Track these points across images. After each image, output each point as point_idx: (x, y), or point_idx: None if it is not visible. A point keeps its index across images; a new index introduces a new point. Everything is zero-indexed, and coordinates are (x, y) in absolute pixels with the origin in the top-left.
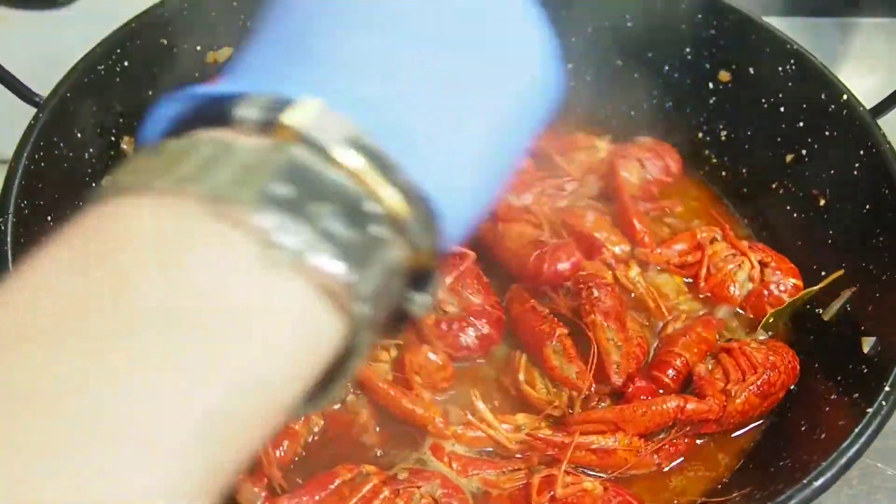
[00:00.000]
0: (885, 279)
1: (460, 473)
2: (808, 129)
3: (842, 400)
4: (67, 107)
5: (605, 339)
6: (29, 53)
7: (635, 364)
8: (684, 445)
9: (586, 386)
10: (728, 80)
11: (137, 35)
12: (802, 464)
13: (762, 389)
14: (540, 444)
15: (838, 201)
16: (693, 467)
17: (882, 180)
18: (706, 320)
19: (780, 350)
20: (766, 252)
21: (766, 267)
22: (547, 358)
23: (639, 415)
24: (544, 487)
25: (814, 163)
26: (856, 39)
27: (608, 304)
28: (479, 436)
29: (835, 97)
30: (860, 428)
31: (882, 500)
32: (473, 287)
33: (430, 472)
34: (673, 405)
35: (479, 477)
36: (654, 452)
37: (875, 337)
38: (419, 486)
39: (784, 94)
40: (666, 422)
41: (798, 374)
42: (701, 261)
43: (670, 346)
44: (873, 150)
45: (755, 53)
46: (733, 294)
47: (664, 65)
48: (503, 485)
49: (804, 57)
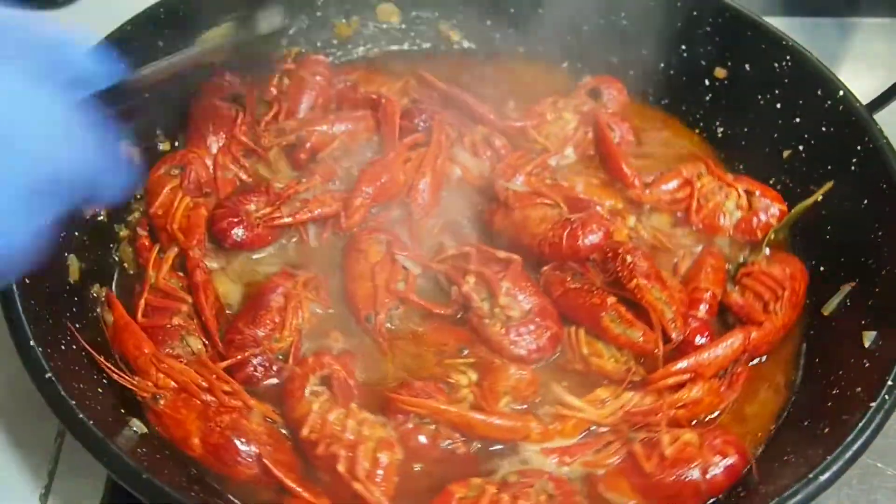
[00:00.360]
0: (884, 273)
1: (560, 464)
2: (804, 125)
3: (844, 395)
4: None
5: (655, 299)
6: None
7: (683, 312)
8: (746, 372)
9: (656, 345)
10: (724, 77)
11: (133, 36)
12: (808, 459)
13: (792, 301)
14: (637, 417)
15: (836, 197)
16: (757, 390)
17: (880, 175)
18: (711, 251)
19: (789, 260)
20: (750, 182)
21: (751, 196)
22: (607, 328)
23: (713, 358)
24: (649, 452)
25: (811, 159)
26: (856, 39)
27: (645, 266)
28: (576, 422)
29: (831, 93)
30: (864, 423)
31: (882, 500)
32: (528, 290)
33: (534, 469)
34: (739, 339)
35: (578, 462)
36: (729, 387)
37: (876, 331)
38: (532, 486)
39: (780, 91)
40: (737, 356)
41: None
42: (691, 195)
43: (693, 284)
44: (870, 145)
45: (751, 50)
46: (724, 224)
47: (660, 62)
48: (604, 461)
49: (800, 53)
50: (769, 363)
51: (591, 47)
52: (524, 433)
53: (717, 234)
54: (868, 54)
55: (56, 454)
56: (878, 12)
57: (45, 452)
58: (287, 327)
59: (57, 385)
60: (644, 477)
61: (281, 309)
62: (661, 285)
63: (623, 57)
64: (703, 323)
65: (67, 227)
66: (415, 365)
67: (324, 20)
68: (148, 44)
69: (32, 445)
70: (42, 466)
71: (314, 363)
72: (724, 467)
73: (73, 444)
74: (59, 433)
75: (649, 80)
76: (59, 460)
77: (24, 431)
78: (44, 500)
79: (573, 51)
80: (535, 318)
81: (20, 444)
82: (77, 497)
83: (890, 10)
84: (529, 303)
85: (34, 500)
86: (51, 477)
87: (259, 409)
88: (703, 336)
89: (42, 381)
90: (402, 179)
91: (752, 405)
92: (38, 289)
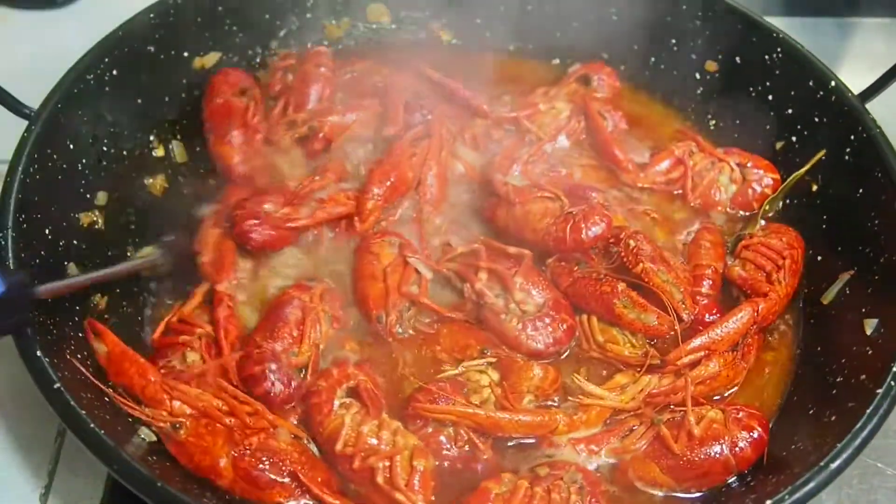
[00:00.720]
0: (882, 261)
1: (589, 454)
2: (797, 116)
3: (848, 382)
4: (59, 118)
5: (663, 281)
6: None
7: (691, 291)
8: (757, 342)
9: (671, 326)
10: (715, 71)
11: (124, 43)
12: (816, 447)
13: (792, 269)
14: (660, 398)
15: (831, 186)
16: (764, 363)
17: (874, 164)
18: (707, 227)
19: (784, 230)
20: (741, 154)
21: (744, 168)
22: (621, 314)
23: (726, 333)
24: (676, 433)
25: (804, 150)
26: (856, 39)
27: (649, 250)
28: (599, 411)
29: (823, 84)
30: (871, 409)
31: (882, 500)
32: (541, 283)
33: (562, 461)
34: (748, 312)
35: (606, 449)
36: (742, 359)
37: (877, 319)
38: (561, 478)
39: (772, 83)
40: (747, 328)
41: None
42: (685, 174)
43: (694, 261)
44: (864, 134)
45: (741, 43)
46: (720, 199)
47: (650, 57)
48: (631, 447)
49: (790, 45)
50: (772, 351)
51: (582, 42)
52: (552, 426)
53: (713, 209)
54: (868, 54)
55: (56, 454)
56: (878, 12)
57: (45, 452)
58: (306, 341)
59: (66, 395)
60: (674, 458)
61: (299, 322)
62: (666, 267)
63: (614, 52)
64: (710, 300)
65: (66, 235)
66: (432, 368)
67: (314, 21)
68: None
69: (32, 445)
70: (42, 466)
71: (340, 375)
72: (750, 441)
73: (73, 444)
74: (59, 433)
75: (641, 75)
76: (59, 460)
77: (24, 431)
78: (44, 500)
79: (563, 46)
80: (550, 312)
81: (20, 444)
82: (77, 497)
83: (890, 10)
84: (543, 297)
85: (34, 500)
86: (51, 477)
87: (284, 426)
88: (713, 314)
89: (50, 392)
90: (410, 176)
91: (756, 392)
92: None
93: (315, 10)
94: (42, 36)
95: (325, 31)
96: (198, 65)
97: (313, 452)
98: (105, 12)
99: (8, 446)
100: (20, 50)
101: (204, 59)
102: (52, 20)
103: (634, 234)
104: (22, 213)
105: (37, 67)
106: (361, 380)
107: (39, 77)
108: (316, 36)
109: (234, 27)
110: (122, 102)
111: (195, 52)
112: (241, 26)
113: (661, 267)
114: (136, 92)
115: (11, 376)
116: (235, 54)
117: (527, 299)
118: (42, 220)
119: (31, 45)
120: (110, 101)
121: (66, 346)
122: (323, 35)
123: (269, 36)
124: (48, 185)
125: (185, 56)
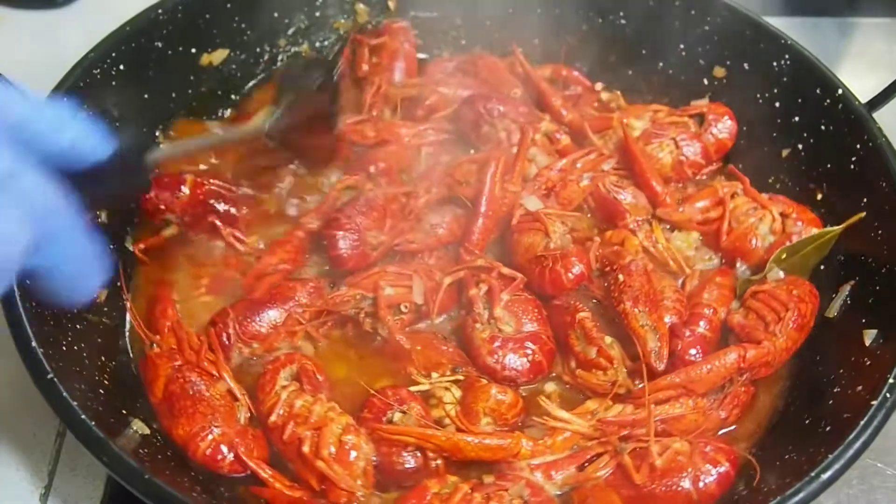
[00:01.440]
0: (884, 272)
1: (546, 478)
2: (803, 123)
3: (845, 393)
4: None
5: (639, 326)
6: (28, 53)
7: (678, 323)
8: (746, 395)
9: (614, 365)
10: (723, 77)
11: (132, 38)
12: (809, 457)
13: (797, 323)
14: (613, 427)
15: (836, 195)
16: (756, 388)
17: (879, 174)
18: (723, 270)
19: (798, 283)
20: (787, 204)
21: (787, 218)
22: (573, 345)
23: (705, 373)
24: (639, 463)
25: (810, 157)
26: (856, 39)
27: (636, 287)
28: (566, 437)
29: (830, 92)
30: (865, 420)
31: (881, 500)
32: (533, 314)
33: (514, 474)
34: (733, 356)
35: (565, 476)
36: (720, 408)
37: (876, 330)
38: (507, 489)
39: (779, 90)
40: (731, 373)
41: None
42: (722, 216)
43: (696, 299)
44: (870, 143)
45: (750, 49)
46: (755, 246)
47: (659, 61)
48: (593, 474)
49: (799, 52)
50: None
51: (590, 47)
52: (514, 450)
53: (745, 257)
54: (868, 54)
55: (56, 454)
56: (878, 12)
57: (45, 452)
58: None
59: (58, 386)
60: (634, 488)
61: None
62: (650, 308)
63: (622, 56)
64: (697, 337)
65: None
66: (396, 381)
67: (323, 20)
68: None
69: (32, 445)
70: (42, 466)
71: (286, 359)
72: (716, 475)
73: (73, 444)
74: (59, 433)
75: (648, 80)
76: (59, 460)
77: (24, 431)
78: (44, 500)
79: (572, 51)
80: (526, 342)
81: (20, 444)
82: (77, 497)
83: (890, 10)
84: (527, 326)
85: (34, 499)
86: (51, 477)
87: (227, 383)
88: (696, 350)
89: (43, 382)
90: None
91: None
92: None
93: (325, 9)
94: (42, 36)
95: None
96: (205, 61)
97: (239, 418)
98: (105, 12)
99: (8, 446)
100: (20, 50)
101: (212, 56)
102: (52, 20)
103: (626, 267)
104: None
105: (36, 67)
106: (305, 364)
107: (39, 77)
108: (325, 34)
109: (243, 24)
110: (128, 97)
111: (203, 49)
112: (249, 23)
113: (643, 309)
114: (143, 87)
115: (11, 376)
116: (243, 51)
117: (507, 319)
118: None
119: (31, 45)
120: (116, 95)
121: (63, 337)
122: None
123: (278, 33)
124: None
125: (193, 52)
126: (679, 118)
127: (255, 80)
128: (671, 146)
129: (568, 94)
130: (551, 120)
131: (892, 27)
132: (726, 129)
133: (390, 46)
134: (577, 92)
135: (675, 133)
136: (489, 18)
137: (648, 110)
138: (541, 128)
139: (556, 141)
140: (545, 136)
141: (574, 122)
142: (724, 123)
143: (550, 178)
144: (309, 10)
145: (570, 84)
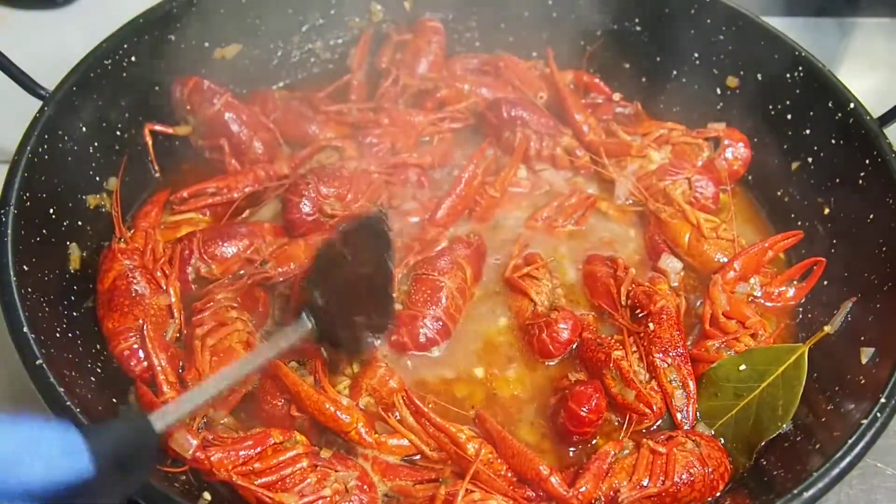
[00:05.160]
0: (886, 290)
1: (383, 478)
2: (814, 136)
3: (837, 411)
4: (73, 101)
5: (667, 382)
6: (28, 52)
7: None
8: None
9: (642, 415)
10: (736, 87)
11: (145, 30)
12: (795, 474)
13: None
14: (452, 453)
15: (842, 210)
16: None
17: (887, 190)
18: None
19: (712, 458)
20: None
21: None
22: (608, 385)
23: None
24: (448, 500)
25: (819, 171)
26: (856, 39)
27: (666, 339)
28: (403, 444)
29: (842, 105)
30: (853, 440)
31: (882, 500)
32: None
33: (353, 461)
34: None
35: (394, 483)
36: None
37: (874, 348)
38: (337, 470)
39: (791, 101)
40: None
41: (727, 480)
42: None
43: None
44: (879, 159)
45: (764, 60)
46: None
47: (672, 70)
48: (416, 493)
49: (812, 64)
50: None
51: (604, 53)
52: (346, 427)
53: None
54: (868, 54)
55: None
56: (878, 12)
57: None
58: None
59: (46, 371)
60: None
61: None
62: (680, 362)
63: (636, 63)
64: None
65: (71, 216)
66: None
67: (338, 18)
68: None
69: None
70: None
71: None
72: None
73: None
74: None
75: (662, 88)
76: None
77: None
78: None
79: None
80: (442, 316)
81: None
82: None
83: (890, 10)
84: (441, 303)
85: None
86: None
87: (169, 299)
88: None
89: (32, 367)
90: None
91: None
92: (36, 276)
93: (340, 7)
94: (42, 36)
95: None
96: (218, 55)
97: (167, 333)
98: (105, 12)
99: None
100: (20, 50)
101: (225, 51)
102: (52, 20)
103: (657, 315)
104: (26, 191)
105: (37, 67)
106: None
107: (39, 77)
108: (340, 32)
109: (257, 20)
110: (138, 89)
111: (216, 44)
112: (263, 19)
113: (671, 362)
114: (154, 79)
115: (11, 377)
116: (256, 47)
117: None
118: (47, 200)
119: (31, 45)
120: (126, 86)
121: (58, 325)
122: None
123: (292, 31)
124: (57, 165)
125: (206, 46)
126: (694, 140)
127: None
128: (684, 186)
129: (588, 102)
130: (573, 136)
131: (892, 27)
132: (740, 157)
133: (416, 44)
134: (596, 101)
135: (691, 173)
136: (504, 21)
137: (664, 127)
138: (562, 142)
139: (576, 157)
140: (565, 151)
141: (593, 145)
142: (738, 150)
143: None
144: (324, 7)
145: (591, 91)
